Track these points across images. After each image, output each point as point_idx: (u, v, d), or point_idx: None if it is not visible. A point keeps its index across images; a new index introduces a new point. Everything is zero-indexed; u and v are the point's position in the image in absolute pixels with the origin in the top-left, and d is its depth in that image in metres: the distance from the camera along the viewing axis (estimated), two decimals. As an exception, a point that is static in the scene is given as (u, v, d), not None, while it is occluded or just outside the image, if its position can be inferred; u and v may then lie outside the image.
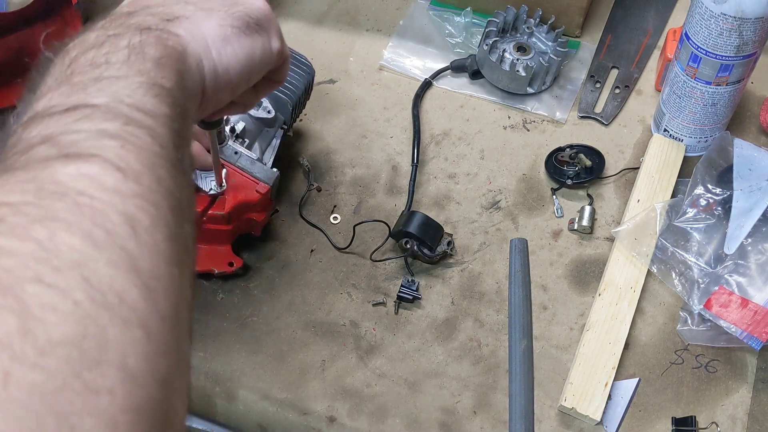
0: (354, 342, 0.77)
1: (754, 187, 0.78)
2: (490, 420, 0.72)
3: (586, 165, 0.86)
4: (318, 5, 1.06)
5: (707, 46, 0.75)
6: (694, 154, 0.87)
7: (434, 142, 0.91)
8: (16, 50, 1.01)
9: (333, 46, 1.01)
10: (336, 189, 0.88)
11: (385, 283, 0.81)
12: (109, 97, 0.39)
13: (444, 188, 0.87)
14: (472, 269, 0.81)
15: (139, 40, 0.44)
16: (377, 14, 1.04)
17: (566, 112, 0.93)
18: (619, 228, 0.80)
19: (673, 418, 0.71)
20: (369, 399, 0.74)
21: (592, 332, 0.75)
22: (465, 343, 0.77)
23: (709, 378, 0.74)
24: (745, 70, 0.78)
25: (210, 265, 0.78)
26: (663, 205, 0.80)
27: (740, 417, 0.72)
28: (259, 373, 0.76)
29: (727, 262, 0.76)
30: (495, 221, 0.85)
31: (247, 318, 0.79)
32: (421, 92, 0.95)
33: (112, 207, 0.34)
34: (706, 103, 0.81)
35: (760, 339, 0.71)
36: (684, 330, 0.76)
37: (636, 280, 0.78)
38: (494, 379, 0.74)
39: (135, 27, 0.45)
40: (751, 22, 0.72)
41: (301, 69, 0.85)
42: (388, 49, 1.00)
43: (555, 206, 0.85)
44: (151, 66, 0.43)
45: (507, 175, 0.88)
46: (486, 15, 0.99)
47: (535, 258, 0.82)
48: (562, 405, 0.71)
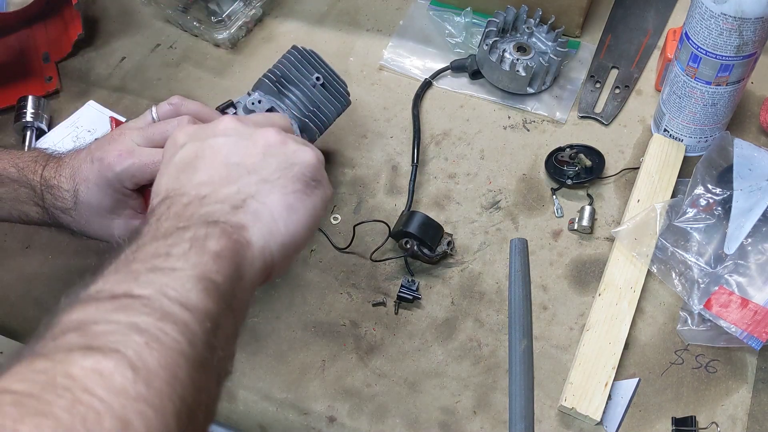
0: (354, 342, 0.77)
1: (754, 187, 0.78)
2: (490, 420, 0.72)
3: (586, 165, 0.86)
4: (318, 5, 1.06)
5: (707, 46, 0.75)
6: (694, 154, 0.87)
7: (434, 142, 0.91)
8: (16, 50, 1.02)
9: (333, 46, 1.01)
10: (336, 189, 0.88)
11: (385, 283, 0.81)
12: (154, 289, 0.42)
13: (444, 188, 0.87)
14: (472, 269, 0.81)
15: (204, 232, 0.47)
16: (377, 14, 1.04)
17: (566, 112, 0.93)
18: (619, 228, 0.80)
19: (673, 418, 0.71)
20: (369, 399, 0.74)
21: (592, 332, 0.75)
22: (465, 343, 0.77)
23: (709, 378, 0.74)
24: (745, 70, 0.78)
25: None
26: (663, 205, 0.80)
27: (740, 417, 0.72)
28: (259, 373, 0.76)
29: (727, 262, 0.76)
30: (495, 221, 0.85)
31: (248, 318, 0.79)
32: (421, 92, 0.95)
33: (110, 410, 0.35)
34: (706, 103, 0.81)
35: (760, 339, 0.71)
36: (684, 330, 0.76)
37: (636, 280, 0.78)
38: (494, 379, 0.75)
39: (203, 219, 0.48)
40: (751, 22, 0.72)
41: (338, 100, 0.84)
42: (388, 49, 1.00)
43: (555, 206, 0.85)
44: (208, 259, 0.45)
45: (507, 175, 0.88)
46: (486, 15, 0.99)
47: (535, 258, 0.82)
48: (562, 405, 0.71)
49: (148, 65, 1.01)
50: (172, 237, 0.46)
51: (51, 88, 0.98)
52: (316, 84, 0.82)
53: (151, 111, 0.71)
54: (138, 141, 0.68)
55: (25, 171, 0.69)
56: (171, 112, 0.71)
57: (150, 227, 0.49)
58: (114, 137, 0.69)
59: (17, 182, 0.69)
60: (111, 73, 1.01)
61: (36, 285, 0.83)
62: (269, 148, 0.55)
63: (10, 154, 0.71)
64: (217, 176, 0.53)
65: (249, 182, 0.53)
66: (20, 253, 0.85)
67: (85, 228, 0.70)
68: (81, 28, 1.01)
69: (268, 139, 0.56)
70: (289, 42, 1.02)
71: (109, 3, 1.08)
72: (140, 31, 1.05)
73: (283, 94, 0.80)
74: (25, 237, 0.86)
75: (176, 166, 0.55)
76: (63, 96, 0.99)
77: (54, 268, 0.84)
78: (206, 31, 1.01)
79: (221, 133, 0.57)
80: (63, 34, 1.02)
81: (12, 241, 0.86)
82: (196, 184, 0.53)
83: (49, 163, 0.70)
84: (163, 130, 0.69)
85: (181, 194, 0.52)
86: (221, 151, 0.55)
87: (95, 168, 0.67)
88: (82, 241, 0.85)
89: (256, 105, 0.78)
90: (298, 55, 0.82)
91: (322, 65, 0.83)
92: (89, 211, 0.68)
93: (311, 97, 0.81)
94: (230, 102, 0.79)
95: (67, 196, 0.68)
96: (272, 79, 0.79)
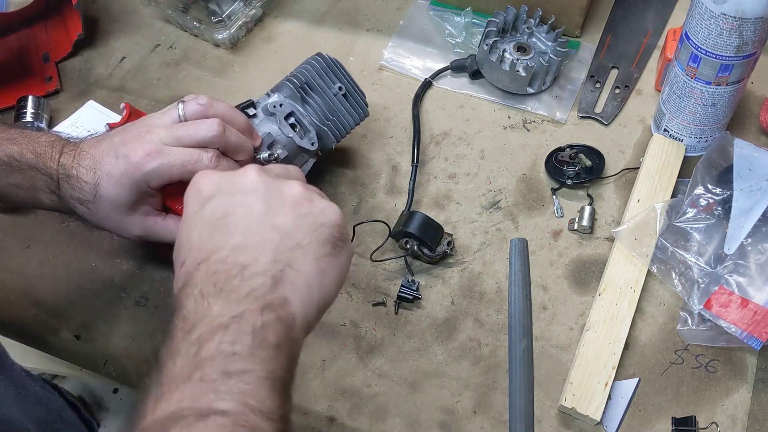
0: (354, 342, 0.77)
1: (754, 187, 0.78)
2: (490, 420, 0.72)
3: (586, 165, 0.86)
4: (318, 5, 1.06)
5: (707, 46, 0.75)
6: (694, 154, 0.87)
7: (434, 142, 0.91)
8: (16, 50, 1.01)
9: (333, 46, 1.01)
10: (336, 189, 0.88)
11: (385, 283, 0.81)
12: (237, 402, 0.44)
13: (444, 188, 0.87)
14: (472, 269, 0.81)
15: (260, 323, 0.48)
16: (377, 14, 1.04)
17: (566, 112, 0.93)
18: (619, 228, 0.80)
19: (673, 418, 0.71)
20: (369, 399, 0.74)
21: (592, 332, 0.75)
22: (465, 343, 0.77)
23: (709, 378, 0.74)
24: (745, 70, 0.78)
25: None
26: (663, 205, 0.80)
27: (740, 417, 0.72)
28: (259, 373, 0.76)
29: (727, 262, 0.76)
30: (495, 221, 0.85)
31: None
32: (421, 92, 0.95)
33: None
34: (706, 103, 0.81)
35: (760, 339, 0.71)
36: (684, 330, 0.76)
37: (636, 280, 0.78)
38: (494, 379, 0.75)
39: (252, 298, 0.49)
40: (751, 22, 0.72)
41: (357, 111, 0.84)
42: (388, 49, 1.00)
43: (555, 206, 0.85)
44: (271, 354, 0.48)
45: (507, 175, 0.88)
46: (486, 15, 0.99)
47: (535, 258, 0.82)
48: (562, 405, 0.71)
49: (148, 65, 1.01)
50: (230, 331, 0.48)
51: (51, 88, 0.98)
52: (338, 93, 0.82)
53: (177, 107, 0.70)
54: (165, 140, 0.68)
55: (43, 157, 0.68)
56: (199, 113, 0.70)
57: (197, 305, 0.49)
58: (141, 134, 0.68)
59: (35, 169, 0.68)
60: (111, 73, 1.01)
61: (36, 285, 0.83)
62: (298, 207, 0.56)
63: (27, 137, 0.70)
64: (252, 239, 0.53)
65: (283, 248, 0.53)
66: (20, 253, 0.85)
67: (101, 221, 0.69)
68: (81, 28, 1.01)
69: (296, 195, 0.56)
70: (289, 42, 1.02)
71: (109, 3, 1.08)
72: (140, 31, 1.05)
73: (304, 100, 0.80)
74: (25, 237, 0.86)
75: (207, 222, 0.54)
76: (63, 96, 0.99)
77: (54, 268, 0.84)
78: (206, 31, 1.01)
79: (250, 189, 0.56)
80: (63, 34, 1.02)
81: (12, 241, 0.86)
82: (233, 247, 0.52)
83: (66, 149, 0.69)
84: (193, 132, 0.68)
85: (220, 260, 0.52)
86: (252, 209, 0.55)
87: (120, 165, 0.66)
88: (82, 242, 0.85)
89: (277, 108, 0.78)
90: (323, 62, 0.82)
91: (345, 75, 0.84)
92: (108, 205, 0.68)
93: (332, 106, 0.82)
94: (250, 102, 0.79)
95: (87, 188, 0.67)
96: (296, 84, 0.79)
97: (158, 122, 0.70)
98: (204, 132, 0.69)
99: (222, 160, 0.69)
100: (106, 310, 0.80)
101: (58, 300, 0.81)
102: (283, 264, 0.52)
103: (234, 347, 0.47)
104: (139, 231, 0.71)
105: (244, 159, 0.72)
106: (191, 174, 0.67)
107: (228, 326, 0.48)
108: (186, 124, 0.69)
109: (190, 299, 0.50)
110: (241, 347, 0.47)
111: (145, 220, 0.70)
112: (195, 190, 0.57)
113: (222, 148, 0.70)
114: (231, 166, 0.70)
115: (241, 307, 0.49)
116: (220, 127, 0.69)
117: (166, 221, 0.71)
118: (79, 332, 0.80)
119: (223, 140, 0.69)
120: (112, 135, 0.70)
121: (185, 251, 0.54)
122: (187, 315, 0.49)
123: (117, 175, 0.67)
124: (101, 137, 0.70)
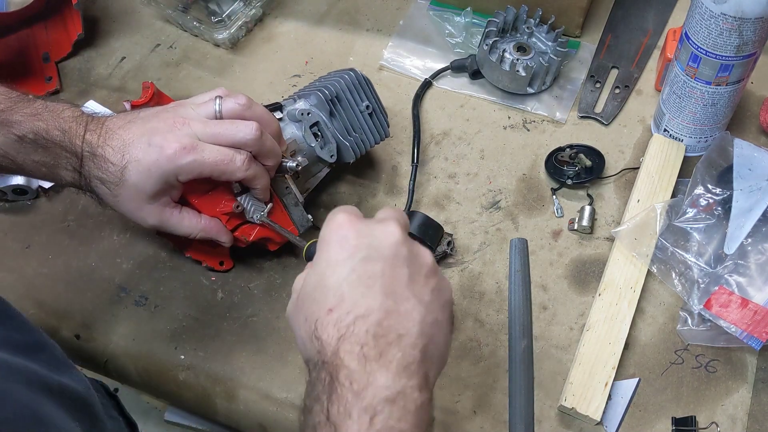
0: (354, 342, 0.77)
1: (754, 187, 0.78)
2: (490, 420, 0.72)
3: (586, 165, 0.86)
4: (318, 5, 1.06)
5: (707, 46, 0.75)
6: (694, 154, 0.87)
7: (434, 142, 0.91)
8: (16, 50, 1.01)
9: (333, 46, 1.01)
10: (336, 189, 0.88)
11: (385, 283, 0.81)
12: None
13: (444, 188, 0.87)
14: (472, 269, 0.81)
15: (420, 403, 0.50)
16: (377, 14, 1.04)
17: (566, 112, 0.93)
18: (619, 228, 0.80)
19: (673, 418, 0.71)
20: (369, 399, 0.74)
21: (592, 332, 0.75)
22: (465, 343, 0.77)
23: (709, 378, 0.74)
24: (745, 70, 0.78)
25: (204, 258, 0.81)
26: (663, 205, 0.80)
27: (740, 417, 0.72)
28: (260, 373, 0.76)
29: (727, 262, 0.76)
30: (495, 221, 0.85)
31: (248, 318, 0.79)
32: (421, 92, 0.95)
33: None
34: (706, 103, 0.81)
35: (760, 339, 0.71)
36: (684, 330, 0.76)
37: (636, 280, 0.78)
38: (494, 379, 0.75)
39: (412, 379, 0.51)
40: (751, 22, 0.72)
41: (379, 131, 0.84)
42: (388, 49, 1.00)
43: (555, 206, 0.85)
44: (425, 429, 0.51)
45: (507, 175, 0.88)
46: (486, 15, 0.99)
47: (535, 258, 0.82)
48: (562, 405, 0.71)
49: (148, 65, 1.01)
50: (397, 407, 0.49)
51: (51, 88, 0.98)
52: (364, 111, 0.82)
53: (215, 102, 0.70)
54: (200, 135, 0.67)
55: (69, 134, 0.67)
56: (236, 112, 0.70)
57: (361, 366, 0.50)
58: (176, 125, 0.67)
59: (61, 147, 0.67)
60: (111, 73, 1.01)
61: (36, 285, 0.83)
62: (431, 279, 0.56)
63: (51, 111, 0.68)
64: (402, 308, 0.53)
65: (427, 321, 0.53)
66: (20, 253, 0.85)
67: (119, 204, 0.69)
68: (81, 28, 1.01)
69: (430, 267, 0.57)
70: (289, 42, 1.02)
71: (109, 3, 1.08)
72: (140, 31, 1.05)
73: (331, 112, 0.80)
74: (25, 237, 0.86)
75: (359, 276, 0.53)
76: (63, 96, 0.99)
77: (54, 268, 0.84)
78: (206, 31, 1.01)
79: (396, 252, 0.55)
80: (63, 34, 1.02)
81: (12, 241, 0.86)
82: (387, 311, 0.52)
83: (90, 125, 0.68)
84: (232, 134, 0.68)
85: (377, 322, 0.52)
86: (399, 275, 0.54)
87: (152, 154, 0.66)
88: (82, 242, 0.85)
89: (304, 116, 0.78)
90: (355, 78, 0.82)
91: (373, 94, 0.84)
92: (131, 191, 0.67)
93: (356, 122, 0.82)
94: (278, 105, 0.80)
95: (113, 170, 0.67)
96: (326, 96, 0.79)
97: (194, 114, 0.69)
98: (242, 135, 0.68)
99: (253, 164, 0.69)
100: (106, 310, 0.80)
101: (58, 300, 0.82)
102: (428, 339, 0.53)
103: (400, 424, 0.49)
104: (155, 220, 0.70)
105: (272, 165, 0.72)
106: (221, 173, 0.68)
107: (394, 401, 0.49)
108: (224, 123, 0.69)
109: (352, 358, 0.50)
110: (406, 425, 0.49)
111: (163, 210, 0.70)
112: (341, 237, 0.55)
113: (255, 152, 0.70)
114: (260, 170, 0.71)
115: (401, 382, 0.50)
116: (258, 132, 0.69)
117: (182, 214, 0.71)
118: (79, 332, 0.80)
119: (258, 145, 0.69)
120: (143, 119, 0.68)
121: (335, 298, 0.53)
122: (352, 376, 0.50)
123: (147, 164, 0.66)
124: (130, 118, 0.69)
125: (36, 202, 0.89)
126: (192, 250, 0.80)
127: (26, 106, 0.69)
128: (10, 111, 0.68)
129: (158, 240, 0.84)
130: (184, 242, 0.79)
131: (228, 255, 0.81)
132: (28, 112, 0.68)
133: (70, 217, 0.87)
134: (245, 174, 0.69)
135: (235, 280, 0.81)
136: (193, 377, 0.76)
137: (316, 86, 0.82)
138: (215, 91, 0.72)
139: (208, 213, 0.73)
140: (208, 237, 0.73)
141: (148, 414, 1.35)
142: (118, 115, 0.70)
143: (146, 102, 0.81)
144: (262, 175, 0.71)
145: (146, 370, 0.78)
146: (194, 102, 0.71)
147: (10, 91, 0.70)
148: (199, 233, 0.72)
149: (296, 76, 0.98)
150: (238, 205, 0.73)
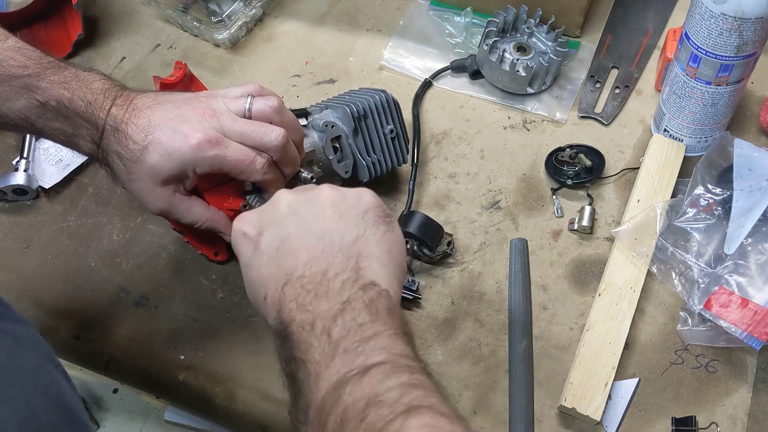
0: (354, 342, 0.77)
1: (754, 187, 0.78)
2: (490, 420, 0.72)
3: (586, 165, 0.86)
4: (318, 5, 1.06)
5: (707, 46, 0.75)
6: (694, 154, 0.87)
7: (434, 142, 0.91)
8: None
9: (333, 46, 1.01)
10: (336, 189, 0.88)
11: (385, 283, 0.81)
12: (385, 353, 0.49)
13: (444, 188, 0.87)
14: (472, 269, 0.81)
15: (368, 299, 0.52)
16: (377, 14, 1.04)
17: (566, 112, 0.93)
18: (619, 228, 0.80)
19: (673, 418, 0.71)
20: (369, 399, 0.74)
21: (592, 332, 0.75)
22: (465, 343, 0.77)
23: (709, 378, 0.74)
24: (745, 70, 0.78)
25: (201, 246, 0.81)
26: (663, 205, 0.80)
27: (740, 417, 0.72)
28: (259, 373, 0.76)
29: (727, 262, 0.76)
30: (495, 221, 0.85)
31: (247, 318, 0.79)
32: (421, 92, 0.95)
33: None
34: (706, 103, 0.81)
35: (760, 339, 0.71)
36: (684, 330, 0.76)
37: (636, 280, 0.78)
38: (494, 379, 0.74)
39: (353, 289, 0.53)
40: (751, 22, 0.72)
41: (397, 157, 0.84)
42: (388, 49, 1.00)
43: (555, 206, 0.85)
44: (389, 318, 0.52)
45: (507, 175, 0.88)
46: (486, 15, 0.99)
47: (535, 258, 0.82)
48: (562, 405, 0.71)
49: (148, 65, 1.01)
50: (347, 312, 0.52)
51: (51, 88, 0.98)
52: (388, 135, 0.82)
53: (246, 100, 0.69)
54: (227, 131, 0.67)
55: (93, 106, 0.67)
56: (266, 114, 0.69)
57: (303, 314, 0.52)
58: (205, 116, 0.67)
59: (82, 117, 0.67)
60: (111, 74, 1.00)
61: (35, 285, 0.83)
62: (337, 206, 0.58)
63: (80, 81, 0.68)
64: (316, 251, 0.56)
65: (346, 245, 0.56)
66: (20, 253, 0.85)
67: (131, 182, 0.68)
68: (81, 28, 1.01)
69: (330, 197, 0.59)
70: (289, 42, 1.02)
71: (109, 3, 1.08)
72: (140, 31, 1.05)
73: (355, 128, 0.80)
74: (25, 237, 0.86)
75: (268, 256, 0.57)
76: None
77: (54, 268, 0.84)
78: (206, 31, 1.01)
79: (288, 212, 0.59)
80: (63, 34, 1.02)
81: (12, 241, 0.86)
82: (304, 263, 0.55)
83: (118, 100, 0.68)
84: (259, 136, 0.68)
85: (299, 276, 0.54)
86: (300, 227, 0.57)
87: (176, 140, 0.65)
88: (82, 242, 0.85)
89: (328, 128, 0.78)
90: (385, 100, 0.82)
91: (399, 119, 0.84)
92: (148, 171, 0.67)
93: (378, 144, 0.82)
94: (305, 111, 0.80)
95: (133, 148, 0.66)
96: (354, 112, 0.79)
97: (224, 109, 0.68)
98: (268, 140, 0.68)
99: (272, 169, 0.70)
100: (106, 310, 0.80)
101: (57, 300, 0.81)
102: (354, 257, 0.55)
103: (357, 320, 0.51)
104: (163, 204, 0.70)
105: (290, 173, 0.73)
106: (240, 173, 0.68)
107: (343, 310, 0.51)
108: (253, 124, 0.68)
109: (293, 314, 0.53)
110: (363, 318, 0.51)
111: (173, 196, 0.69)
112: (240, 236, 0.60)
113: (277, 158, 0.70)
114: (277, 176, 0.71)
115: (344, 296, 0.52)
116: (284, 140, 0.69)
117: (190, 201, 0.71)
118: (79, 332, 0.79)
119: (282, 152, 0.69)
120: (174, 102, 0.68)
121: (261, 286, 0.57)
122: (301, 323, 0.52)
123: (169, 149, 0.66)
124: (160, 99, 0.68)
125: (36, 202, 0.89)
126: (191, 235, 0.80)
127: (55, 72, 0.68)
128: (38, 77, 0.67)
129: (158, 240, 0.84)
130: (184, 226, 0.79)
131: (225, 247, 0.81)
132: (55, 80, 0.68)
133: (70, 217, 0.87)
134: (263, 177, 0.69)
135: (235, 280, 0.81)
136: (192, 377, 0.76)
137: (345, 100, 0.82)
138: (248, 87, 0.71)
139: (215, 206, 0.73)
140: (212, 228, 0.73)
141: (148, 414, 1.35)
142: (147, 94, 0.69)
143: (176, 82, 0.81)
144: (278, 181, 0.71)
145: (146, 370, 0.78)
146: (226, 95, 0.70)
147: (44, 56, 0.70)
148: (205, 223, 0.73)
149: (296, 76, 0.98)
150: (246, 204, 0.73)
